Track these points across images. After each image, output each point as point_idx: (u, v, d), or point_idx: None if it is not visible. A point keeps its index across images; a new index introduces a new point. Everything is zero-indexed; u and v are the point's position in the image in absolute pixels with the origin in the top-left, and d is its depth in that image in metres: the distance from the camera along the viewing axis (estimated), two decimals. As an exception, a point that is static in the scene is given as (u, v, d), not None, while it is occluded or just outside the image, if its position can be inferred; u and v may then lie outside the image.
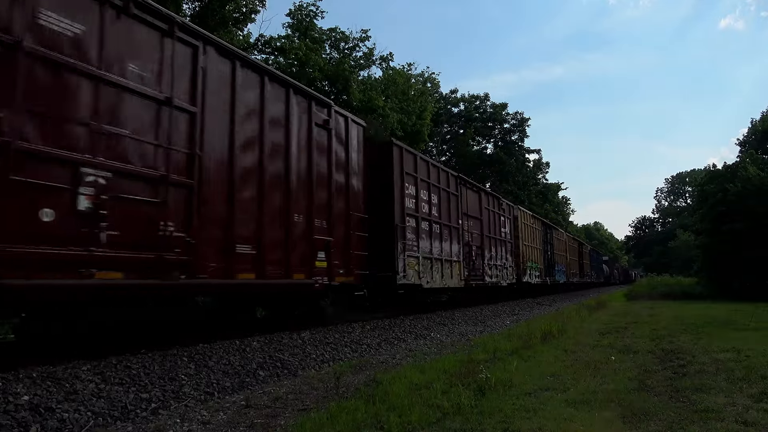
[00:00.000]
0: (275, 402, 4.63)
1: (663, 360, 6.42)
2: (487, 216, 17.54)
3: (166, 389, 4.71)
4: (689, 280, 31.25)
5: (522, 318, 13.75)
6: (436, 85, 36.98)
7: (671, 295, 24.60)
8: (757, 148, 31.03)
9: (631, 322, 11.64)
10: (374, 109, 22.94)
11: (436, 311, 13.79)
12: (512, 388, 4.81)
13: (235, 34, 19.71)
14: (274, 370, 5.94)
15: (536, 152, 48.51)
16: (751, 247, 20.28)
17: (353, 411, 4.00)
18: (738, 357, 6.40)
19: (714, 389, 4.76)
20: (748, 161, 24.25)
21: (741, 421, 3.76)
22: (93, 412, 3.99)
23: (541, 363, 6.25)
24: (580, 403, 4.28)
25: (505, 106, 45.84)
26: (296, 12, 23.18)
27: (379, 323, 10.24)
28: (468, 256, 15.29)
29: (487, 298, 18.44)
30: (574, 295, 29.38)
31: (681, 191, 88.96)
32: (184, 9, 17.64)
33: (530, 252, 22.87)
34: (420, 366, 6.13)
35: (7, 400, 3.84)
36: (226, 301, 8.00)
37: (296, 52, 20.99)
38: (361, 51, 25.59)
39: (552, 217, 43.41)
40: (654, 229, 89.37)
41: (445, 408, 4.09)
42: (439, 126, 42.76)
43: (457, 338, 9.35)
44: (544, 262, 25.53)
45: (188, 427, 3.88)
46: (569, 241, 34.23)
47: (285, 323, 8.50)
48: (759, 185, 21.07)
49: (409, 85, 28.32)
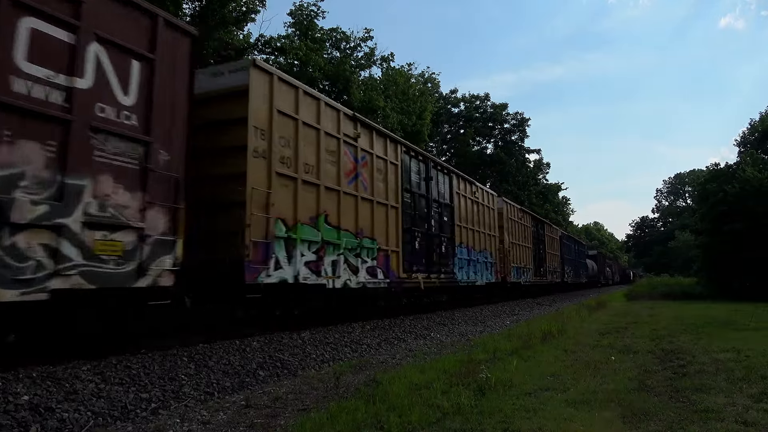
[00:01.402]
0: (275, 402, 4.63)
1: (663, 360, 6.42)
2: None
3: (166, 389, 4.71)
4: (689, 280, 31.27)
5: (522, 318, 13.74)
6: (436, 85, 37.05)
7: (671, 295, 24.60)
8: (757, 148, 31.06)
9: (631, 322, 11.64)
10: (375, 109, 22.96)
11: (436, 311, 13.79)
12: (512, 388, 4.82)
13: (235, 34, 19.72)
14: (274, 370, 5.94)
15: (536, 152, 48.64)
16: (751, 248, 20.30)
17: (353, 411, 4.00)
18: (738, 357, 6.40)
19: (714, 389, 4.76)
20: (748, 161, 24.28)
21: (741, 421, 3.76)
22: (93, 412, 3.99)
23: (541, 363, 6.25)
24: (580, 403, 4.28)
25: (505, 106, 45.92)
26: (297, 12, 23.20)
27: (379, 323, 10.24)
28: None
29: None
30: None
31: (681, 191, 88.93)
32: (184, 9, 17.65)
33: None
34: (420, 366, 6.13)
35: (7, 400, 3.84)
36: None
37: (296, 52, 21.00)
38: (362, 51, 25.63)
39: (552, 217, 43.38)
40: (654, 229, 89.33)
41: (445, 408, 4.09)
42: (439, 126, 42.79)
43: (457, 338, 9.35)
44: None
45: (188, 427, 3.88)
46: (519, 216, 22.47)
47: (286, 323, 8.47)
48: (757, 186, 21.09)
49: (409, 85, 28.33)
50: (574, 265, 35.58)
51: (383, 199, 10.84)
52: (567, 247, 33.45)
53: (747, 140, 38.42)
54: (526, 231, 23.09)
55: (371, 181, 10.45)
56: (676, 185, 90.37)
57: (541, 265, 25.64)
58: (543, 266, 25.93)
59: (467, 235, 15.58)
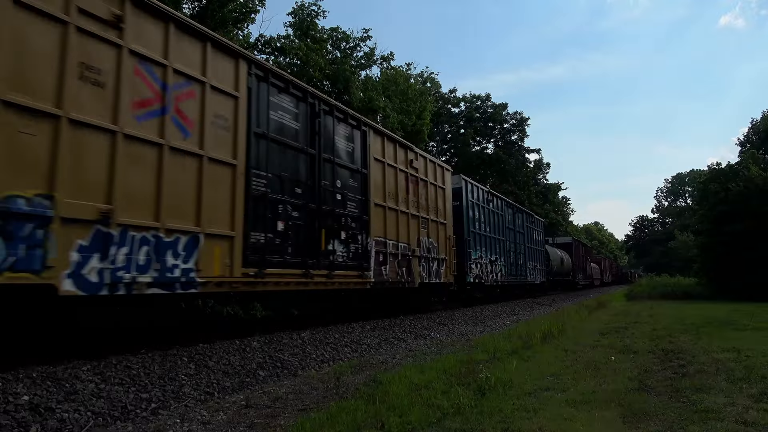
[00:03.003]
0: (275, 402, 4.63)
1: (663, 360, 6.42)
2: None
3: (166, 389, 4.71)
4: (689, 280, 31.24)
5: (522, 318, 13.74)
6: (436, 84, 37.00)
7: (671, 295, 24.58)
8: (759, 148, 31.05)
9: (631, 322, 11.64)
10: (375, 109, 22.94)
11: (436, 311, 13.78)
12: (512, 388, 4.81)
13: (234, 34, 19.71)
14: (274, 370, 5.94)
15: (536, 152, 48.62)
16: (752, 247, 20.29)
17: (353, 411, 4.00)
18: (738, 357, 6.40)
19: (714, 389, 4.76)
20: (750, 161, 24.28)
21: (741, 421, 3.75)
22: (93, 412, 3.99)
23: (541, 363, 6.25)
24: (581, 403, 4.28)
25: (505, 106, 45.89)
26: (298, 11, 23.18)
27: (379, 323, 10.22)
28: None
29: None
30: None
31: (681, 191, 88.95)
32: (184, 9, 17.65)
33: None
34: (420, 366, 6.13)
35: (7, 400, 3.84)
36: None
37: (296, 52, 20.99)
38: (362, 51, 25.61)
39: (552, 217, 43.37)
40: (654, 229, 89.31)
41: (445, 408, 4.09)
42: (439, 126, 42.78)
43: (457, 338, 9.35)
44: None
45: (188, 427, 3.88)
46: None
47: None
48: (761, 185, 21.07)
49: (408, 85, 28.32)
50: (510, 256, 20.74)
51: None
52: (495, 220, 19.10)
53: (749, 140, 38.42)
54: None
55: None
56: (676, 185, 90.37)
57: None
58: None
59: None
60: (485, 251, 17.54)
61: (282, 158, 8.08)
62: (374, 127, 10.95)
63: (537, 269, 25.38)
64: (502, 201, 20.51)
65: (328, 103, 9.46)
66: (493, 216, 18.80)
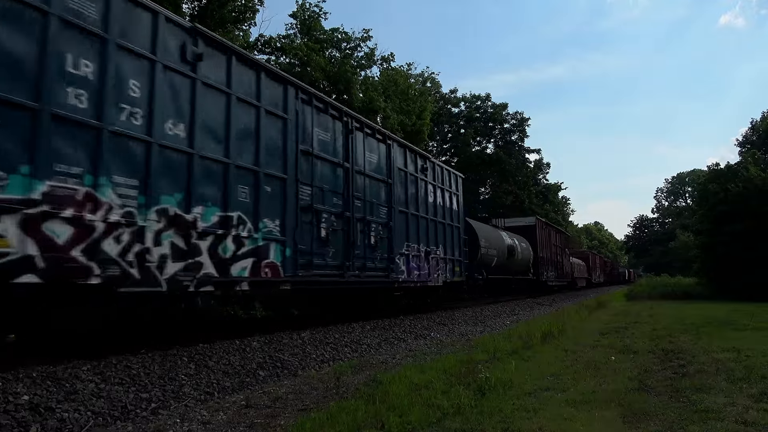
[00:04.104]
0: (275, 402, 4.63)
1: (663, 360, 6.42)
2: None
3: (166, 389, 4.71)
4: (689, 280, 31.25)
5: (522, 318, 13.74)
6: (436, 84, 37.02)
7: (671, 295, 24.58)
8: (760, 148, 31.07)
9: (631, 322, 11.64)
10: (375, 110, 22.93)
11: (436, 311, 13.79)
12: (512, 388, 4.82)
13: (234, 34, 19.71)
14: (274, 370, 5.94)
15: (536, 152, 48.60)
16: (752, 247, 20.29)
17: (353, 411, 4.00)
18: (738, 357, 6.40)
19: (714, 389, 4.76)
20: (750, 161, 24.28)
21: (741, 421, 3.75)
22: (93, 411, 3.99)
23: (541, 363, 6.25)
24: (581, 403, 4.28)
25: (505, 106, 45.88)
26: (299, 11, 23.17)
27: (379, 323, 10.23)
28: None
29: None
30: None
31: (681, 191, 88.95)
32: (184, 9, 17.65)
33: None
34: (420, 366, 6.13)
35: (7, 400, 3.84)
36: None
37: (296, 52, 20.98)
38: (362, 51, 25.60)
39: (552, 217, 43.36)
40: (654, 229, 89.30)
41: (445, 408, 4.09)
42: (439, 126, 42.78)
43: (457, 338, 9.35)
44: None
45: (188, 427, 3.88)
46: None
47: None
48: (761, 185, 21.07)
49: (408, 84, 28.32)
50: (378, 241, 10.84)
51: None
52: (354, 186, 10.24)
53: (749, 140, 38.43)
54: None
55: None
56: (676, 185, 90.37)
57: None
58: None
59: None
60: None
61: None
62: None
63: (444, 260, 13.75)
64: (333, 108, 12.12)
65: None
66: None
